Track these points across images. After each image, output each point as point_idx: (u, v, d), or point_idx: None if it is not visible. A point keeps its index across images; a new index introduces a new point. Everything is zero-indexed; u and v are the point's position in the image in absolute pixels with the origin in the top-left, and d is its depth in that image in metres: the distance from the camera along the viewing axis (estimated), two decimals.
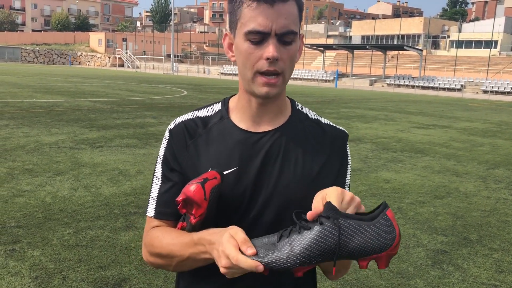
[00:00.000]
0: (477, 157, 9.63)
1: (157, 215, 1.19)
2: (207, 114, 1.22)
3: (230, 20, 1.12)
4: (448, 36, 66.79)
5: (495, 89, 41.67)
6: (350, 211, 0.94)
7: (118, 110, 14.62)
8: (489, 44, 56.92)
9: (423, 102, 27.75)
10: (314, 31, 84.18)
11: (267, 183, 1.14)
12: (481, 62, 53.98)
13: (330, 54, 64.38)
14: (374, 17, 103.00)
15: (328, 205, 0.91)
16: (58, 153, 7.78)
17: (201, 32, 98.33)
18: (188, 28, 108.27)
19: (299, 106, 1.25)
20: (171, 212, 1.17)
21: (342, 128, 1.25)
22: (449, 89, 43.93)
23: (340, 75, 51.18)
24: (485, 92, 41.71)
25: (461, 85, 43.84)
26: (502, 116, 20.46)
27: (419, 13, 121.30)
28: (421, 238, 4.76)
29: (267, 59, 1.04)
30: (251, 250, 0.91)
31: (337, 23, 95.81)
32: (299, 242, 0.91)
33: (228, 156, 1.15)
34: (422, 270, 4.00)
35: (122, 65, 72.37)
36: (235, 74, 58.35)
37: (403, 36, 68.67)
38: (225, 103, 1.23)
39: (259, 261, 0.90)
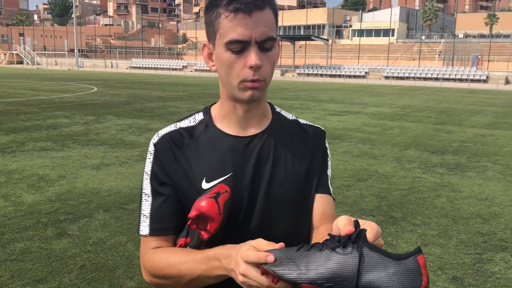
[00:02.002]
0: (389, 140, 10.30)
1: (154, 232, 1.16)
2: (190, 125, 1.23)
3: (208, 31, 1.14)
4: (350, 26, 70.27)
5: (395, 74, 44.62)
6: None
7: (26, 111, 13.65)
8: (387, 32, 60.81)
9: (333, 89, 28.99)
10: None
11: (262, 184, 1.17)
12: (381, 49, 57.52)
13: None
14: (281, 8, 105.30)
15: (361, 233, 0.86)
16: None
17: (106, 25, 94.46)
18: (91, 21, 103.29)
19: (277, 109, 1.31)
20: (168, 227, 1.16)
21: (319, 126, 1.33)
22: (355, 76, 46.27)
23: None
24: (386, 77, 44.49)
25: (365, 72, 46.37)
26: (405, 99, 22.00)
27: (322, 4, 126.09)
28: None
29: (251, 67, 1.07)
30: (271, 258, 0.88)
31: None
32: (316, 261, 0.86)
33: (221, 162, 1.16)
34: None
35: (21, 62, 67.35)
36: (146, 68, 56.74)
37: (308, 27, 71.08)
38: (207, 112, 1.25)
39: (273, 270, 0.86)
